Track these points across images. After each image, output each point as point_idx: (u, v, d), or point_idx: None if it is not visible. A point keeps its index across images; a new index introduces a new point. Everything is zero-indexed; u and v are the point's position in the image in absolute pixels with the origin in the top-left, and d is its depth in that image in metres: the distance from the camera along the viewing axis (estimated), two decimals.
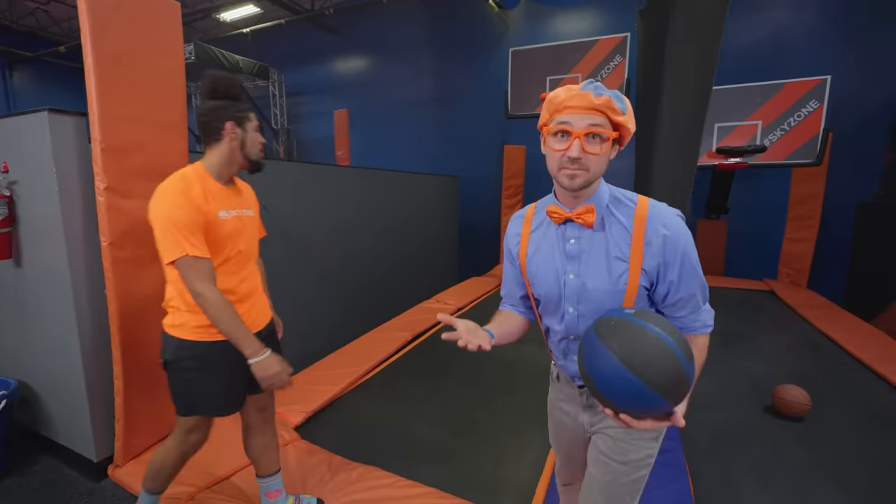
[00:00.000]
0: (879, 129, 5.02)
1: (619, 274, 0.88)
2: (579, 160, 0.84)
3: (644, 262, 0.87)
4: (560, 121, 0.85)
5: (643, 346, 0.75)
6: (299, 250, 3.23)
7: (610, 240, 0.90)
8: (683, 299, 0.90)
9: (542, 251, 0.99)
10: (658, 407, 0.77)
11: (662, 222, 0.87)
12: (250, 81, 8.91)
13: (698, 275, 0.90)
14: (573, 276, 0.93)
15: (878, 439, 2.17)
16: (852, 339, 3.32)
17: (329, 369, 2.80)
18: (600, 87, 0.85)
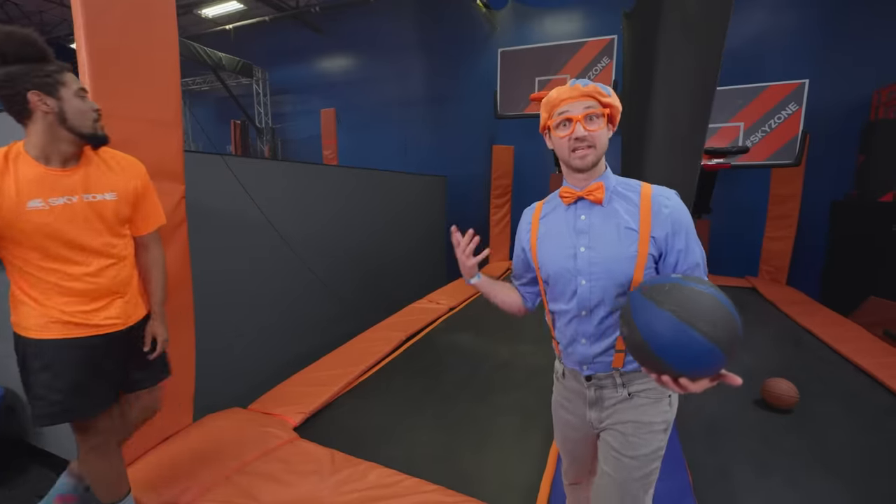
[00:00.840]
0: (852, 131, 5.23)
1: (630, 242, 0.97)
2: (585, 138, 0.97)
3: (653, 230, 0.97)
4: (560, 112, 0.99)
5: (700, 304, 0.77)
6: (287, 250, 3.19)
7: (619, 213, 0.99)
8: (691, 268, 0.98)
9: (551, 233, 1.08)
10: (717, 363, 0.78)
11: (666, 196, 0.99)
12: (233, 79, 8.74)
13: (700, 246, 1.00)
14: (584, 248, 1.01)
15: (863, 428, 2.26)
16: (832, 334, 3.45)
17: (324, 370, 2.77)
18: (584, 80, 1.00)
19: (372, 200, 4.43)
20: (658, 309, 0.79)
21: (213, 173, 2.65)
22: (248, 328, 2.90)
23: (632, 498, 1.03)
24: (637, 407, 1.02)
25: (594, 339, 1.04)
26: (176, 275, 1.87)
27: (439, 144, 7.43)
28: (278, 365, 3.01)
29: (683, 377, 0.81)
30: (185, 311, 1.98)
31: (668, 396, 1.04)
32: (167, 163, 1.81)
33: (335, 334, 3.57)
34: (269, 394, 2.44)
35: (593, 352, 1.04)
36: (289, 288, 3.29)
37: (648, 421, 1.01)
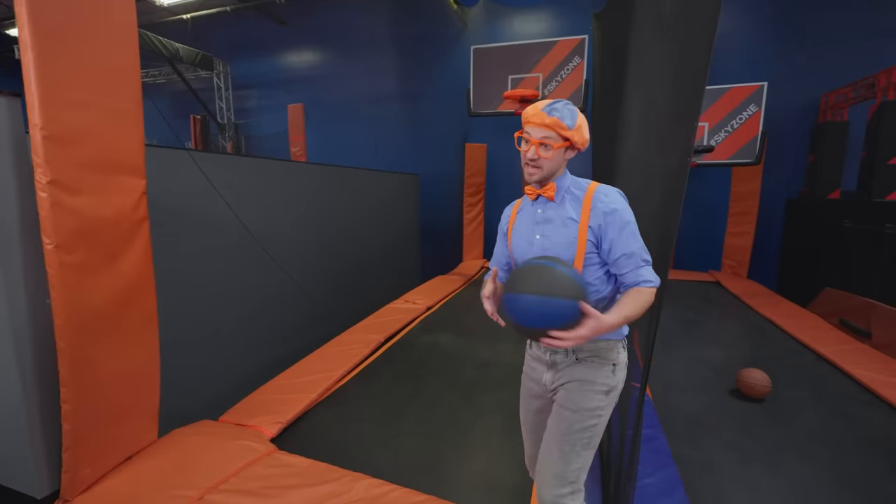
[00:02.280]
0: (803, 132, 5.55)
1: (572, 230, 1.15)
2: (535, 161, 1.15)
3: (590, 220, 1.13)
4: (526, 130, 1.16)
5: (525, 274, 1.04)
6: (255, 250, 3.02)
7: (567, 208, 1.17)
8: (625, 256, 1.12)
9: (520, 224, 1.28)
10: (562, 310, 0.99)
11: (604, 193, 1.14)
12: (192, 72, 8.29)
13: (636, 238, 1.12)
14: (539, 236, 1.21)
15: (830, 414, 2.37)
16: (793, 324, 3.63)
17: (300, 376, 2.63)
18: (556, 108, 1.12)
19: (343, 198, 4.30)
20: (506, 297, 1.05)
21: (176, 169, 2.46)
22: (218, 333, 2.72)
23: (570, 448, 1.18)
24: (583, 369, 1.20)
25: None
26: (138, 277, 1.71)
27: (411, 142, 7.33)
28: (251, 372, 2.85)
29: (554, 331, 1.01)
30: (148, 317, 1.82)
31: (613, 365, 1.20)
32: (126, 156, 1.65)
33: (310, 338, 3.43)
34: (242, 403, 2.29)
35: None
36: (260, 290, 3.12)
37: (591, 380, 1.19)
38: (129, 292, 1.68)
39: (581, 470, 1.19)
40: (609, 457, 1.83)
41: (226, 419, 2.14)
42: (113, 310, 1.63)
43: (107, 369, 1.64)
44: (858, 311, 3.49)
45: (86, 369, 1.56)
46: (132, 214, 1.66)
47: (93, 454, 1.65)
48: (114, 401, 1.69)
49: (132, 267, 1.68)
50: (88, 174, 1.50)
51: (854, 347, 3.09)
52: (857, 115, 5.07)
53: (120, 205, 1.60)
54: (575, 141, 1.13)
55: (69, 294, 1.46)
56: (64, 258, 1.43)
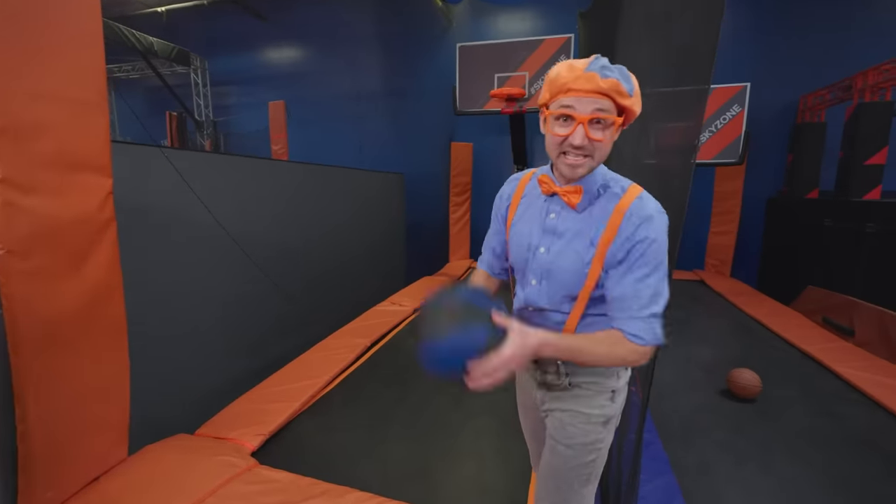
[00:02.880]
0: (783, 132, 5.65)
1: (587, 258, 0.87)
2: (584, 147, 0.82)
3: (612, 245, 0.85)
4: (563, 104, 0.81)
5: (429, 317, 0.83)
6: (233, 252, 2.89)
7: (589, 223, 0.87)
8: (623, 299, 0.84)
9: (524, 219, 0.99)
10: (467, 343, 0.78)
11: (640, 216, 0.83)
12: (167, 67, 8.01)
13: (649, 284, 0.83)
14: (544, 249, 0.93)
15: (818, 413, 2.37)
16: (778, 323, 3.67)
17: (282, 384, 2.52)
18: (607, 66, 0.80)
19: (327, 198, 4.18)
20: (429, 344, 0.81)
21: (149, 167, 2.32)
22: (194, 341, 2.58)
23: (567, 486, 1.01)
24: (576, 397, 0.99)
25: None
26: (104, 283, 1.58)
27: (396, 141, 7.22)
28: (229, 381, 2.72)
29: (470, 373, 0.80)
30: (117, 325, 1.69)
31: (612, 392, 0.99)
32: (91, 152, 1.52)
33: (293, 343, 3.31)
34: (221, 415, 2.17)
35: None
36: (239, 293, 2.98)
37: (586, 412, 0.98)
38: (95, 300, 1.55)
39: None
40: (608, 466, 1.78)
41: (203, 432, 2.02)
42: (76, 319, 1.50)
43: (70, 384, 1.52)
44: (841, 309, 3.55)
45: (46, 385, 1.43)
46: (97, 216, 1.54)
47: (55, 476, 1.52)
48: (78, 417, 1.56)
49: (97, 272, 1.56)
50: (46, 172, 1.37)
51: (838, 345, 3.13)
52: (834, 117, 5.18)
53: (83, 206, 1.48)
54: (631, 114, 0.83)
55: (24, 304, 1.33)
56: (17, 265, 1.30)
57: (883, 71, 4.43)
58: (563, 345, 0.85)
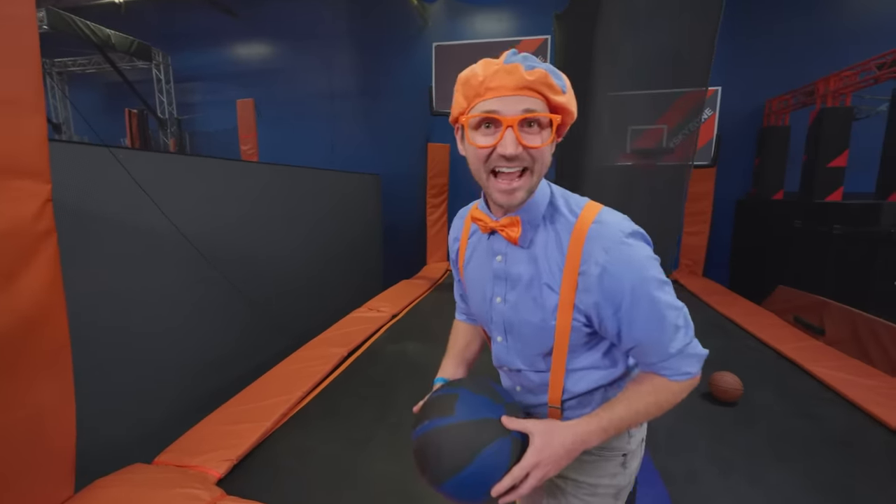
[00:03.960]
0: (751, 136, 5.82)
1: (550, 307, 0.70)
2: (517, 157, 0.64)
3: (577, 297, 0.67)
4: (484, 109, 0.64)
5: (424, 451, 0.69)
6: (196, 260, 2.71)
7: (541, 261, 0.70)
8: (644, 345, 0.68)
9: (473, 263, 0.82)
10: (486, 470, 0.65)
11: (604, 246, 0.65)
12: (127, 62, 7.58)
13: (661, 314, 0.66)
14: (500, 299, 0.76)
15: (795, 414, 2.40)
16: (751, 322, 3.74)
17: (253, 402, 2.36)
18: (529, 56, 0.64)
19: (299, 201, 4.00)
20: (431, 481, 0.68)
21: (98, 170, 2.12)
22: (150, 357, 2.39)
23: None
24: (581, 462, 0.81)
25: (525, 391, 0.84)
26: (42, 300, 1.41)
27: (372, 141, 7.06)
28: (192, 401, 2.53)
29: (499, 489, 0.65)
30: (58, 346, 1.51)
31: (623, 456, 0.82)
32: (24, 155, 1.35)
33: (262, 356, 3.14)
34: (183, 439, 1.99)
35: (528, 402, 0.84)
36: (201, 306, 2.79)
37: (592, 483, 0.82)
38: (30, 321, 1.38)
39: None
40: None
41: (162, 460, 1.85)
42: (9, 342, 1.32)
43: (2, 416, 1.33)
44: (812, 309, 3.65)
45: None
46: (32, 226, 1.36)
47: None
48: (14, 454, 1.38)
49: (34, 289, 1.38)
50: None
51: (810, 344, 3.20)
52: (798, 120, 5.37)
53: (14, 215, 1.30)
54: (568, 115, 0.67)
55: None
56: None
57: (843, 77, 4.60)
58: (607, 423, 0.68)
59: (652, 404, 0.70)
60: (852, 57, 4.53)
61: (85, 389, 1.60)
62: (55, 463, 1.53)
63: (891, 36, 4.90)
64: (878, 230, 3.30)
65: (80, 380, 1.57)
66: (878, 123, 5.09)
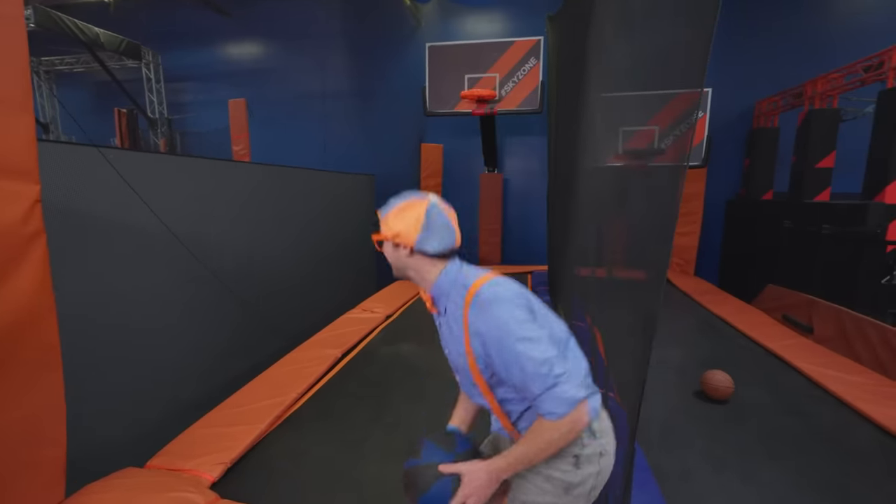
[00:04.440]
0: (740, 137, 5.90)
1: (463, 353, 0.95)
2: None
3: (472, 346, 0.92)
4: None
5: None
6: (188, 261, 2.68)
7: (452, 322, 0.97)
8: (518, 386, 0.89)
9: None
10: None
11: (478, 311, 0.89)
12: (116, 60, 7.49)
13: (522, 364, 0.84)
14: (447, 350, 1.04)
15: (786, 412, 2.43)
16: (742, 321, 3.78)
17: (247, 404, 2.34)
18: (391, 207, 1.02)
19: (292, 202, 3.98)
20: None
21: (88, 170, 2.10)
22: (143, 359, 2.36)
23: None
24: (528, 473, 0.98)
25: (493, 417, 1.08)
26: (31, 302, 1.39)
27: (365, 142, 7.05)
28: (185, 403, 2.51)
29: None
30: (48, 348, 1.49)
31: (574, 457, 0.93)
32: (12, 156, 1.33)
33: (256, 358, 3.12)
34: (176, 443, 1.97)
35: (496, 427, 1.11)
36: (194, 306, 2.77)
37: (545, 473, 0.95)
38: (21, 322, 1.36)
39: None
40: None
41: (155, 464, 1.83)
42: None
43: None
44: (800, 308, 3.70)
45: None
46: (21, 228, 1.34)
47: None
48: (2, 459, 1.36)
49: (23, 291, 1.36)
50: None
51: (799, 342, 3.25)
52: (787, 122, 5.44)
53: (2, 216, 1.28)
54: (394, 237, 0.96)
55: None
56: None
57: (830, 79, 4.68)
58: (512, 460, 0.89)
59: (543, 441, 0.87)
60: (839, 59, 4.60)
61: (77, 395, 1.58)
62: (45, 468, 1.51)
63: (876, 39, 5.00)
64: (864, 230, 3.36)
65: (72, 384, 1.55)
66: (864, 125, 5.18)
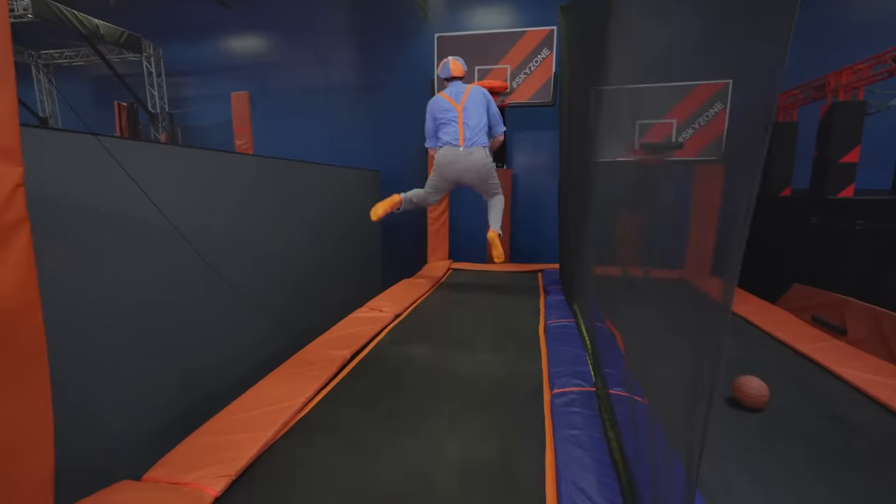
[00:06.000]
0: None
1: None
2: None
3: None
4: None
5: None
6: (189, 257, 2.53)
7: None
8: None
9: None
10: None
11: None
12: (116, 53, 7.35)
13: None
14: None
15: (829, 418, 2.27)
16: (768, 322, 3.61)
17: (250, 409, 2.19)
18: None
19: (296, 196, 3.83)
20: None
21: (84, 160, 1.95)
22: (139, 361, 2.21)
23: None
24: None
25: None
26: (13, 300, 1.23)
27: (371, 135, 6.89)
28: (183, 410, 2.36)
29: None
30: (33, 351, 1.34)
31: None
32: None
33: (259, 360, 2.97)
34: (175, 453, 1.82)
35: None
36: (194, 304, 2.61)
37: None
38: (1, 322, 1.21)
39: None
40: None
41: (153, 476, 1.68)
42: None
43: None
44: (831, 308, 3.53)
45: None
46: (2, 215, 1.19)
47: None
48: None
49: (4, 288, 1.21)
50: None
51: (832, 345, 3.08)
52: (806, 116, 5.27)
53: None
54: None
55: None
56: None
57: (856, 70, 4.50)
58: None
59: None
60: (862, 51, 4.42)
61: (66, 401, 1.43)
62: (30, 482, 1.36)
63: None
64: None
65: (60, 390, 1.40)
66: (889, 119, 4.99)
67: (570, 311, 4.10)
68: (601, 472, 1.76)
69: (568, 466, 1.78)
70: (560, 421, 2.12)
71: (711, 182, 4.89)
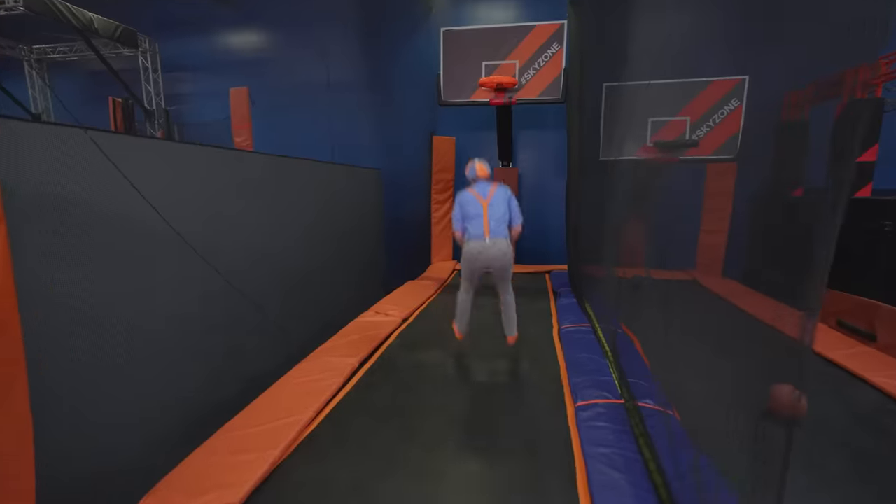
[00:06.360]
0: None
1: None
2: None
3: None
4: None
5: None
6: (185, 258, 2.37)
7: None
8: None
9: None
10: None
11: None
12: (112, 49, 7.15)
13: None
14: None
15: (868, 429, 2.14)
16: None
17: (257, 425, 2.03)
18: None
19: (297, 194, 3.66)
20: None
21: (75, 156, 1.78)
22: (131, 374, 2.03)
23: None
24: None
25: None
26: None
27: (373, 133, 6.73)
28: (183, 425, 2.18)
29: None
30: (10, 362, 1.18)
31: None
32: None
33: (264, 369, 2.81)
34: (174, 475, 1.66)
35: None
36: (190, 310, 2.40)
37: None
38: None
39: None
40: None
41: (150, 502, 1.52)
42: None
43: None
44: (858, 312, 3.39)
45: None
46: None
47: None
48: None
49: None
50: None
51: (862, 351, 2.96)
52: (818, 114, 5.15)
53: None
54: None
55: None
56: None
57: (875, 67, 4.38)
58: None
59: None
60: None
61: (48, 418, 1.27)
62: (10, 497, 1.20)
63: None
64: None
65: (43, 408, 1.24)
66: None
67: (583, 314, 3.96)
68: (640, 498, 1.61)
69: (603, 490, 1.64)
70: (588, 437, 1.97)
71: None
